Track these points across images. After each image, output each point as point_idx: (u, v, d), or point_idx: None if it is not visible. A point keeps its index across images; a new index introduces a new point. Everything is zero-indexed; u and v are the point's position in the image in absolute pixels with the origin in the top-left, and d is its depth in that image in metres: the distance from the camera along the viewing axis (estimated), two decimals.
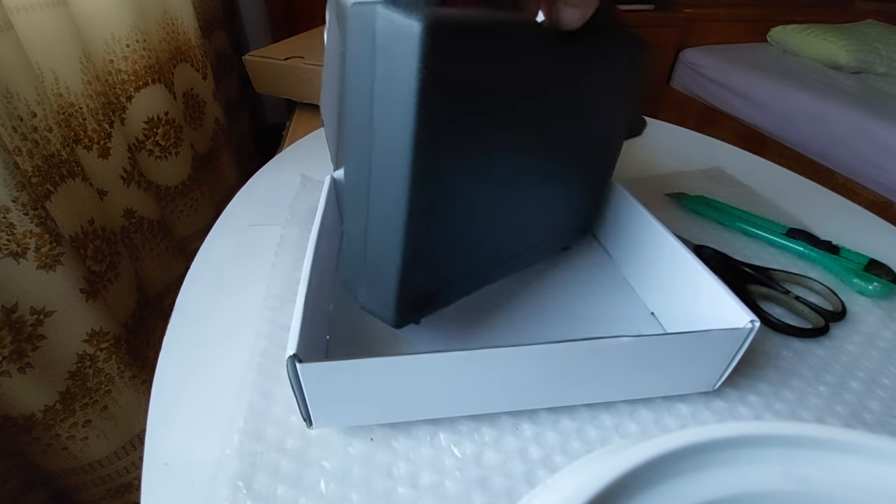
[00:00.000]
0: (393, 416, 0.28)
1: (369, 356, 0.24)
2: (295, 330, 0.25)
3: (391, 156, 0.23)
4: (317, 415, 0.26)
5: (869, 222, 0.51)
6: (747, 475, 0.14)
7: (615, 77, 0.34)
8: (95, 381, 0.59)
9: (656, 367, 0.28)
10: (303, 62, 1.03)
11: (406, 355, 0.25)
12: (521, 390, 0.28)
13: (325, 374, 0.25)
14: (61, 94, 0.60)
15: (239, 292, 0.38)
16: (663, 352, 0.28)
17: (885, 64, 1.65)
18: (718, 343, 0.28)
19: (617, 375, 0.28)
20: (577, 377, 0.28)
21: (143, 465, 0.26)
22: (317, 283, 0.30)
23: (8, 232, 0.47)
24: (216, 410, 0.29)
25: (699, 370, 0.29)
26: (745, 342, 0.28)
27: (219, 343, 0.34)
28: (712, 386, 0.30)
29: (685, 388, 0.31)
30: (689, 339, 0.27)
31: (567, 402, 0.30)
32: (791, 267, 0.42)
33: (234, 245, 0.43)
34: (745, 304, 0.37)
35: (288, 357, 0.24)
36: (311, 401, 0.26)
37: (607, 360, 0.27)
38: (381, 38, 0.21)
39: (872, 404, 0.31)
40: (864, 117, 1.33)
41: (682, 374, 0.30)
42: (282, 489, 0.25)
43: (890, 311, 0.38)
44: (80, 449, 0.60)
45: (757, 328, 0.27)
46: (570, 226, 0.40)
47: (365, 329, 0.34)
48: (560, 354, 0.26)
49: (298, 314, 0.26)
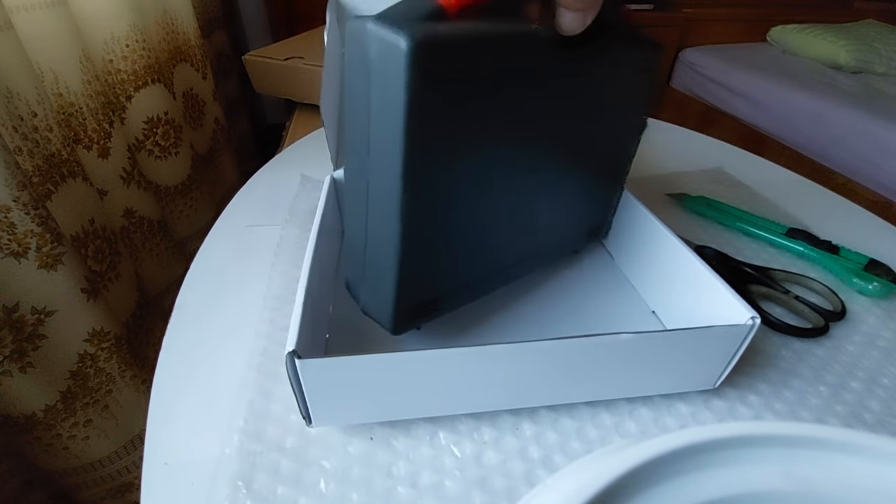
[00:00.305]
0: (393, 414, 0.28)
1: (369, 353, 0.24)
2: (294, 327, 0.25)
3: (385, 165, 0.24)
4: (316, 412, 0.26)
5: (869, 222, 0.51)
6: (747, 475, 0.14)
7: (627, 81, 0.32)
8: (96, 381, 0.59)
9: (656, 365, 0.28)
10: (303, 62, 1.03)
11: (405, 352, 0.25)
12: (520, 388, 0.28)
13: (324, 371, 0.25)
14: (61, 93, 0.60)
15: (238, 292, 0.38)
16: (663, 349, 0.28)
17: (885, 64, 1.65)
18: (719, 340, 0.28)
19: (617, 373, 0.28)
20: (577, 374, 0.28)
21: (144, 465, 0.26)
22: (316, 282, 0.30)
23: (9, 231, 0.47)
24: (216, 410, 0.29)
25: (700, 368, 0.29)
26: (746, 339, 0.28)
27: (218, 343, 0.34)
28: (713, 384, 0.30)
29: (685, 386, 0.31)
30: (689, 336, 0.27)
31: (567, 400, 0.30)
32: (791, 267, 0.42)
33: (234, 245, 0.43)
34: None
35: (287, 353, 0.24)
36: (310, 398, 0.26)
37: (607, 357, 0.27)
38: (371, 53, 0.22)
39: (872, 404, 0.31)
40: (864, 117, 1.33)
41: (683, 372, 0.29)
42: (282, 489, 0.25)
43: (890, 310, 0.38)
44: (80, 448, 0.60)
45: (757, 324, 0.27)
46: (580, 230, 0.40)
47: (365, 328, 0.34)
48: (559, 351, 0.26)
49: (298, 311, 0.26)
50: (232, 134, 1.20)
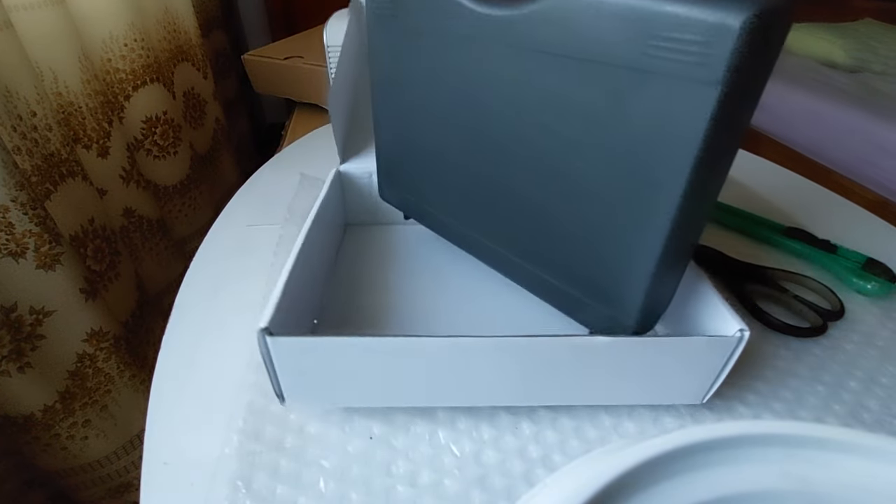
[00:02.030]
0: (365, 401, 0.28)
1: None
2: (271, 304, 0.25)
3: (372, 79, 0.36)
4: (289, 391, 0.27)
5: (867, 221, 0.51)
6: (746, 474, 0.14)
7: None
8: (95, 381, 0.59)
9: (637, 373, 0.27)
10: (302, 62, 1.03)
11: (376, 337, 0.25)
12: (483, 384, 0.27)
13: (295, 350, 0.25)
14: (60, 93, 0.60)
15: (238, 291, 0.38)
16: (642, 357, 0.26)
17: (882, 63, 1.65)
18: (704, 352, 0.26)
19: (595, 378, 0.27)
20: (546, 375, 0.27)
21: (143, 465, 0.26)
22: (303, 267, 0.31)
23: (7, 231, 0.47)
24: (215, 410, 0.29)
25: (684, 380, 0.28)
26: (735, 353, 0.26)
27: (218, 342, 0.34)
28: (700, 398, 0.29)
29: (670, 399, 0.29)
30: (669, 345, 0.25)
31: (538, 402, 0.29)
32: (789, 266, 0.42)
33: (234, 244, 0.43)
34: (743, 303, 0.38)
35: (258, 330, 0.24)
36: (282, 376, 0.26)
37: (583, 361, 0.26)
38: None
39: (871, 403, 0.31)
40: (861, 116, 1.33)
41: (666, 383, 0.28)
42: (281, 488, 0.25)
43: (888, 310, 0.39)
44: (79, 448, 0.60)
45: (746, 338, 0.25)
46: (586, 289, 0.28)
47: (358, 319, 0.35)
48: (530, 349, 0.25)
49: (277, 291, 0.26)
50: (231, 133, 1.20)
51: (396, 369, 0.26)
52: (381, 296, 0.37)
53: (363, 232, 0.44)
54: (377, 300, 0.37)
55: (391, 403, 0.29)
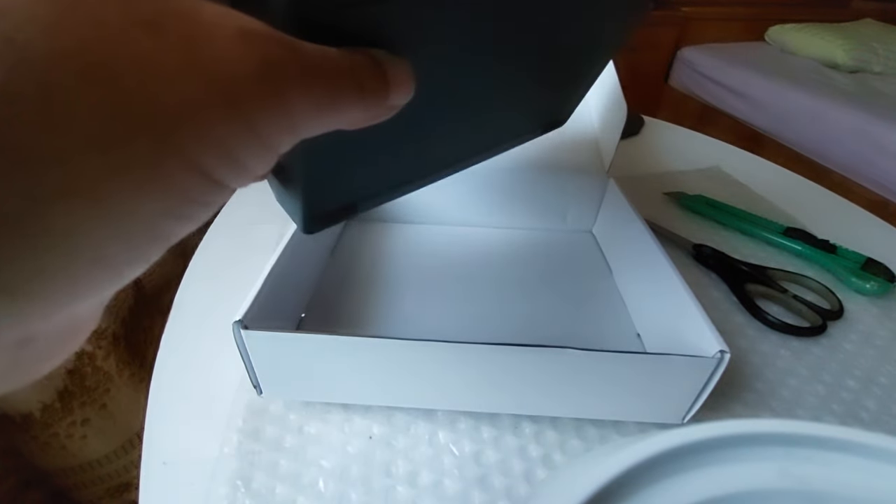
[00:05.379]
0: (340, 397, 0.29)
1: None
2: (249, 297, 0.26)
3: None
4: (266, 384, 0.27)
5: (866, 221, 0.51)
6: (745, 473, 0.14)
7: None
8: (94, 380, 0.59)
9: (613, 389, 0.27)
10: None
11: (349, 337, 0.25)
12: (452, 388, 0.27)
13: (269, 344, 0.25)
14: None
15: (238, 290, 0.38)
16: (616, 373, 0.26)
17: (882, 63, 1.65)
18: (681, 371, 0.25)
19: (577, 391, 0.27)
20: (524, 383, 0.27)
21: (142, 464, 0.26)
22: (290, 261, 0.31)
23: None
24: (215, 409, 0.29)
25: (663, 398, 0.27)
26: (715, 374, 0.25)
27: (217, 341, 0.34)
28: (680, 418, 0.28)
29: (650, 416, 0.29)
30: (649, 363, 0.25)
31: (508, 410, 0.29)
32: (788, 266, 0.42)
33: (233, 243, 0.43)
34: (743, 302, 0.38)
35: (233, 322, 0.24)
36: (258, 368, 0.26)
37: (555, 372, 0.26)
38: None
39: (869, 403, 0.31)
40: (861, 116, 1.34)
41: (644, 401, 0.27)
42: (280, 488, 0.25)
43: (887, 309, 0.39)
44: (78, 447, 0.60)
45: (727, 360, 0.24)
46: (533, 123, 0.32)
47: (348, 315, 0.35)
48: (498, 357, 0.25)
49: (257, 285, 0.27)
50: None
51: (366, 368, 0.26)
52: (373, 293, 0.37)
53: (363, 228, 0.44)
54: (368, 297, 0.37)
55: (365, 401, 0.29)
